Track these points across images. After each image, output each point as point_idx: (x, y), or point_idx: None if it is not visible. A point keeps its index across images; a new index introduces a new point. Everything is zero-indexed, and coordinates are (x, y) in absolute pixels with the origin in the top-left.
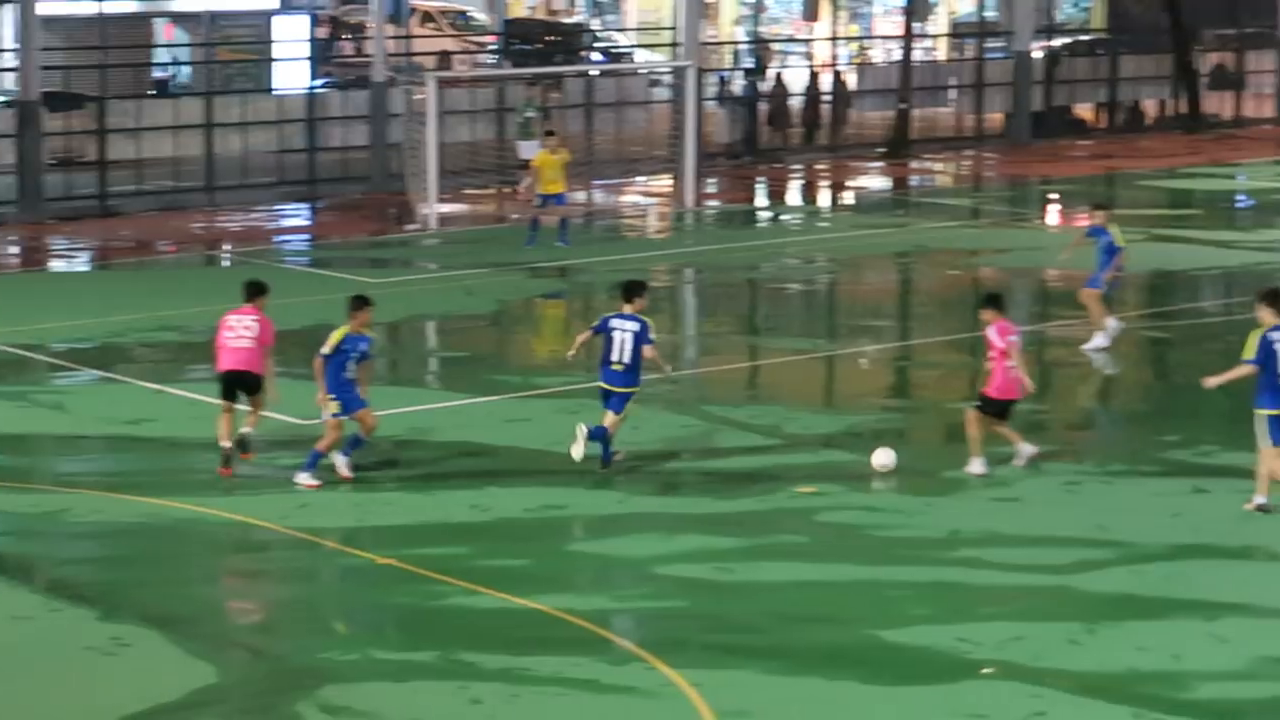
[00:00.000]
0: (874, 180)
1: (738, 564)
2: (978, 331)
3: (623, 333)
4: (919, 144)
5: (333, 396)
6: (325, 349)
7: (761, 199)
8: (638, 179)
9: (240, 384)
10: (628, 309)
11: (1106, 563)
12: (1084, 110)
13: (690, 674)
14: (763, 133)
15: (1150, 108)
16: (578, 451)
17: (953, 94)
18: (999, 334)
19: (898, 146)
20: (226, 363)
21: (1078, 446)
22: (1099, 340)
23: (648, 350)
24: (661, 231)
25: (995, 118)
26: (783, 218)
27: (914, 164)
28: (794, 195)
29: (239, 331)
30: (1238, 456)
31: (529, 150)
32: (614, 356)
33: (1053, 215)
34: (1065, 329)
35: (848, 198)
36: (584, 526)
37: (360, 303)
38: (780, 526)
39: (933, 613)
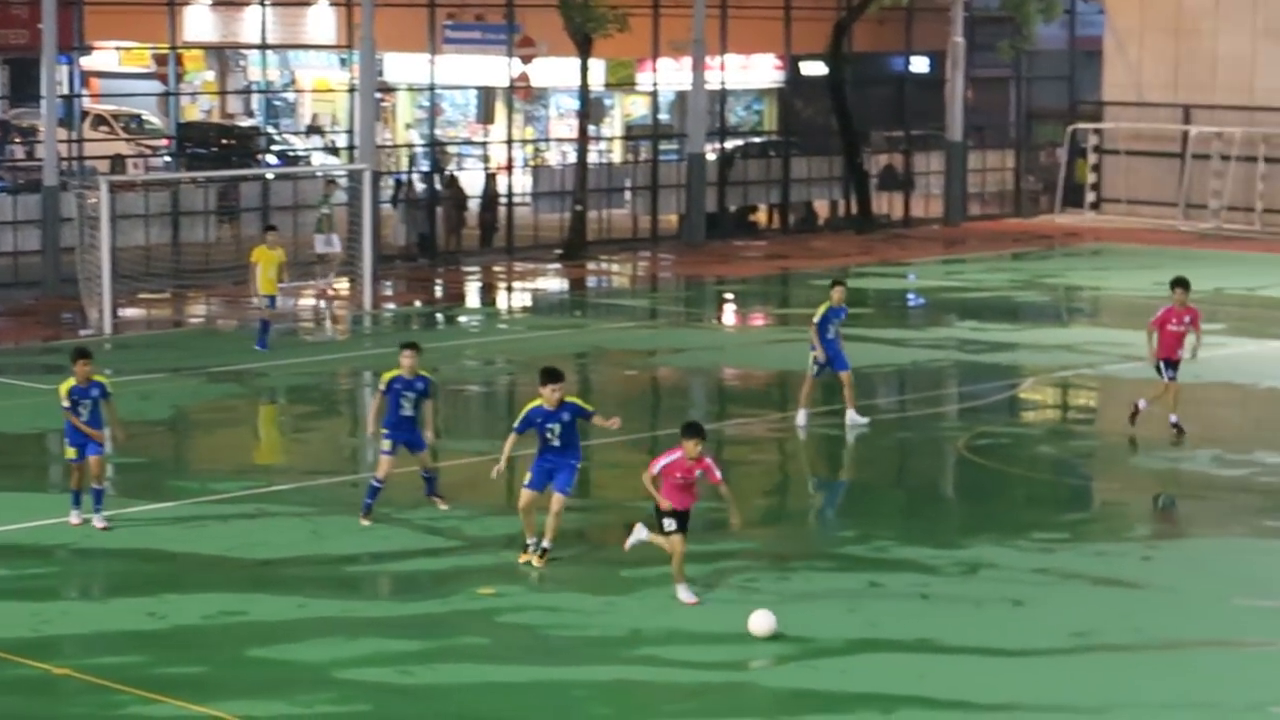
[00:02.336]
0: (552, 282)
1: (419, 666)
2: (656, 431)
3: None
4: (596, 245)
5: (385, 432)
6: (381, 385)
7: (440, 301)
8: (315, 282)
9: None
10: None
11: (786, 658)
12: (758, 212)
13: None
14: (440, 235)
15: (822, 208)
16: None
17: (628, 195)
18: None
19: (574, 248)
20: None
21: (756, 543)
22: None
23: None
24: (341, 334)
25: (670, 219)
26: (461, 319)
27: (591, 265)
28: (472, 297)
29: None
30: (911, 551)
31: (322, 244)
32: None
33: (729, 315)
34: (742, 426)
35: (526, 299)
36: (263, 632)
37: (407, 346)
38: (461, 628)
39: (615, 712)
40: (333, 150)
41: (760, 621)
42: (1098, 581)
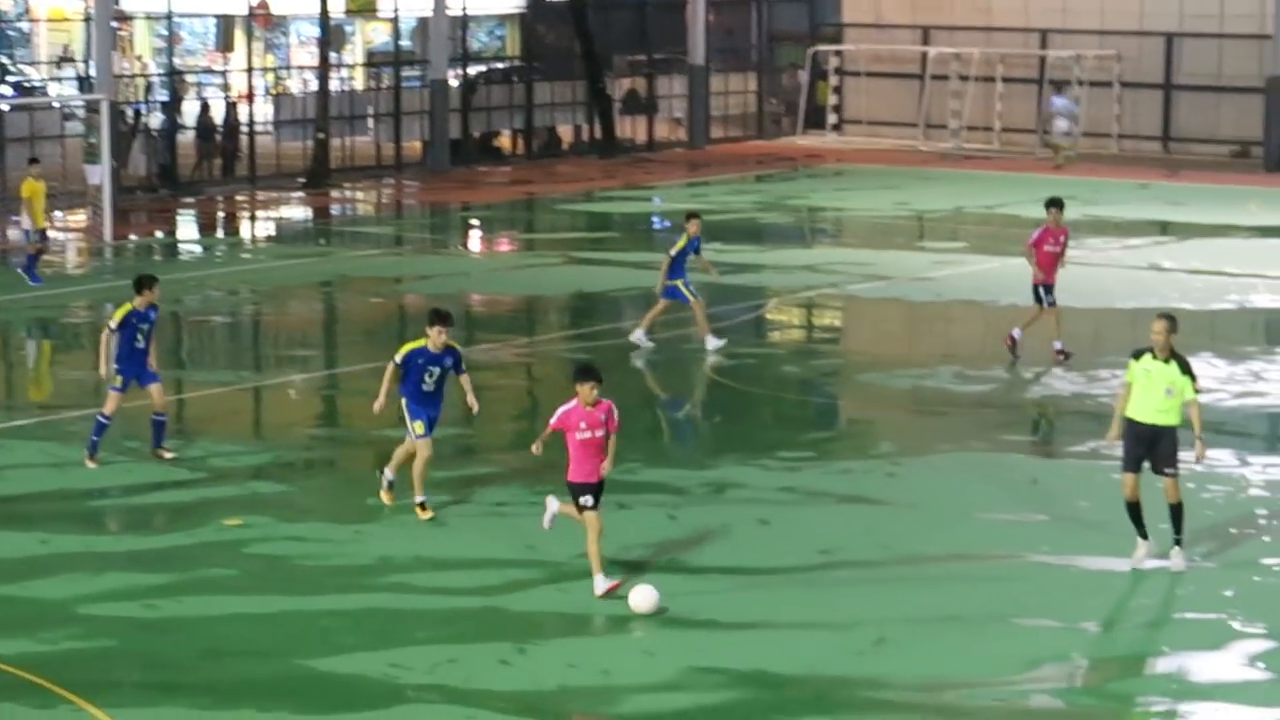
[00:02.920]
0: (296, 211)
1: (165, 600)
2: None
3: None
4: (339, 173)
5: (117, 369)
6: (112, 323)
7: (182, 232)
8: (54, 214)
9: None
10: None
11: (535, 582)
12: (502, 138)
13: (122, 714)
14: (181, 165)
15: (566, 133)
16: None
17: (370, 123)
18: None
19: (318, 176)
20: None
21: (505, 469)
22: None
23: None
24: (80, 267)
25: (414, 146)
26: (204, 250)
27: (335, 193)
28: (215, 227)
29: None
30: (659, 473)
31: (94, 175)
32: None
33: (474, 241)
34: (489, 353)
35: (270, 229)
36: (4, 569)
37: (147, 282)
38: (208, 560)
39: (364, 640)
40: (85, 80)
41: (641, 598)
42: (843, 499)
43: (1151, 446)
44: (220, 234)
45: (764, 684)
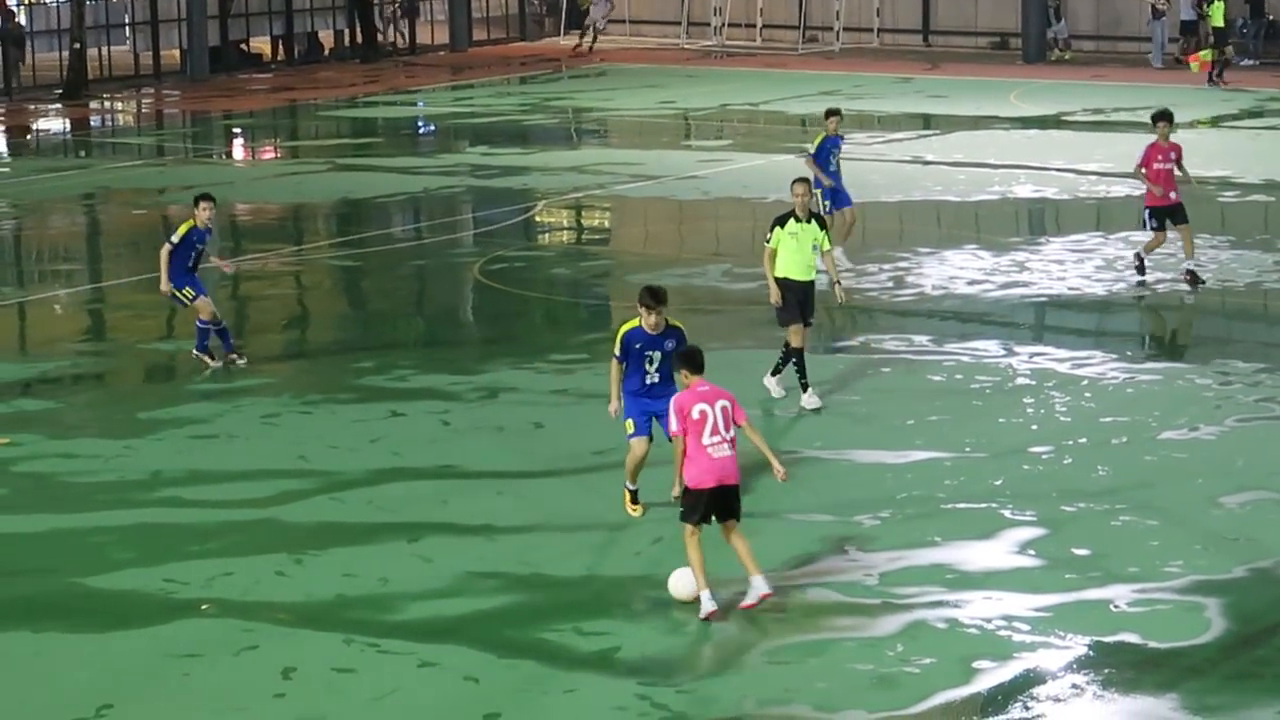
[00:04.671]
0: (53, 123)
1: None
2: None
3: None
4: (97, 84)
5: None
6: (174, 238)
7: None
8: None
9: None
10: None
11: (309, 492)
12: (261, 44)
13: None
14: None
15: (328, 39)
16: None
17: (128, 32)
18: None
19: (75, 87)
20: None
21: (275, 379)
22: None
23: None
24: None
25: (173, 54)
26: None
27: (94, 104)
28: None
29: None
30: (431, 379)
31: None
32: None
33: (238, 149)
34: (256, 262)
35: (27, 141)
36: None
37: (204, 198)
38: None
39: (138, 556)
40: None
41: (681, 583)
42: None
43: (804, 300)
44: None
45: (542, 586)
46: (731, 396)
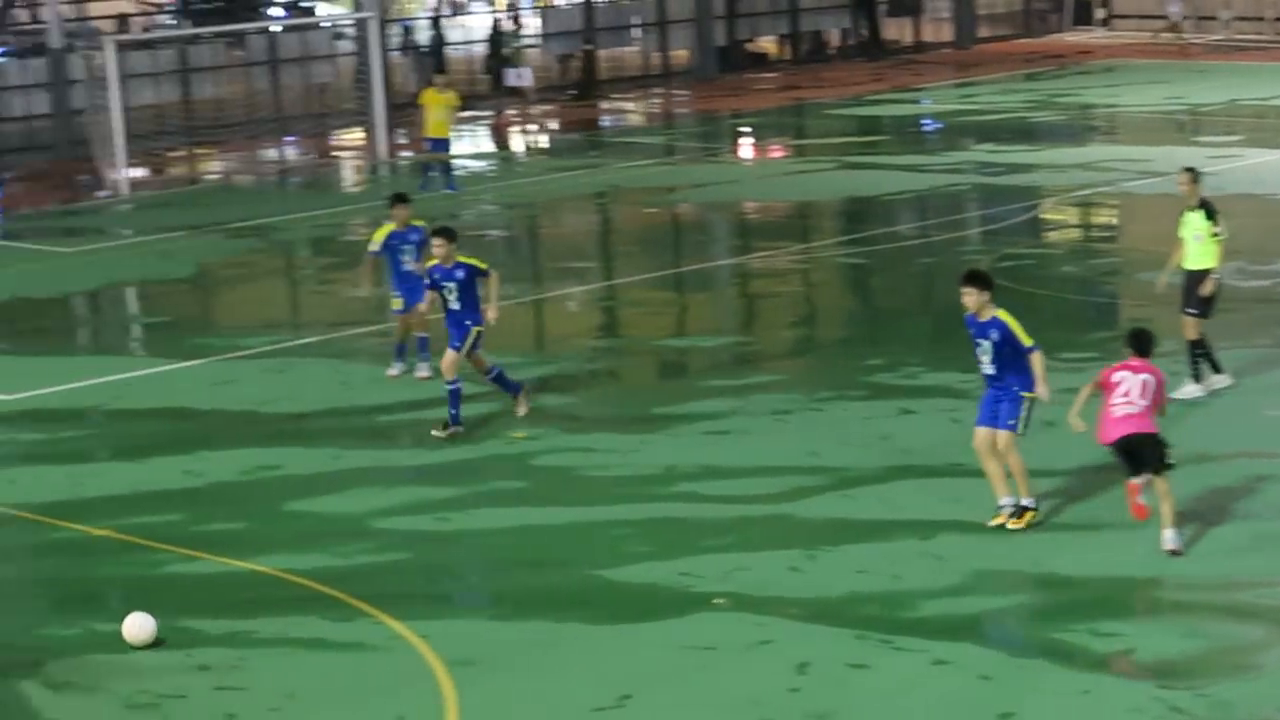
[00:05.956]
0: (566, 122)
1: (456, 513)
2: (680, 268)
3: None
4: (608, 84)
5: (397, 294)
6: (373, 245)
7: (455, 146)
8: (330, 133)
9: None
10: None
11: (821, 488)
12: (767, 43)
13: (417, 625)
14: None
15: (832, 37)
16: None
17: (636, 33)
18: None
19: (587, 88)
20: None
21: (786, 375)
22: None
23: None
24: (357, 184)
25: (680, 54)
26: (478, 164)
27: (604, 104)
28: (487, 142)
29: None
30: (941, 377)
31: (515, 78)
32: None
33: (746, 148)
34: (765, 260)
35: (541, 141)
36: (299, 485)
37: (397, 199)
38: (496, 473)
39: (654, 549)
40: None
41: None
42: None
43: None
44: (492, 148)
45: (1054, 586)
46: (1160, 377)
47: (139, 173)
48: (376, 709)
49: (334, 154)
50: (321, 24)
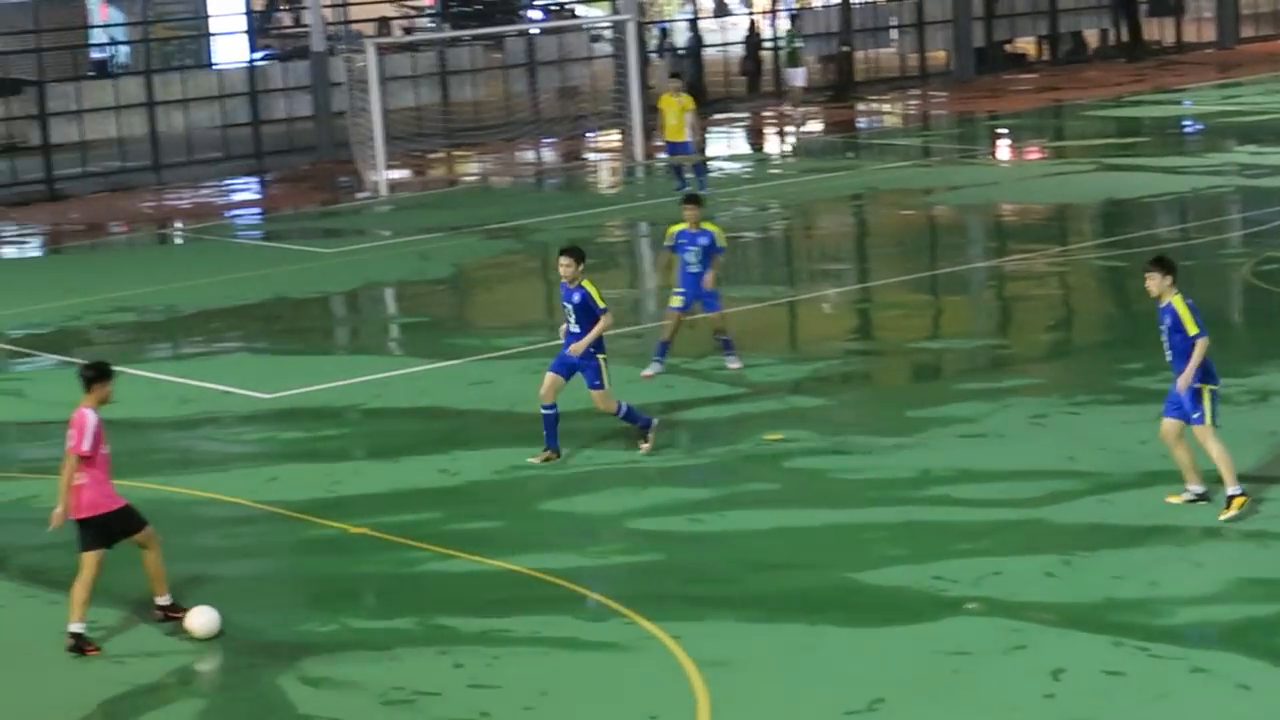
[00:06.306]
0: (822, 124)
1: (710, 514)
2: (936, 270)
3: None
4: (864, 86)
5: (680, 291)
6: (666, 241)
7: (712, 148)
8: (586, 135)
9: None
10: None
11: (1078, 493)
12: (1025, 44)
13: (670, 626)
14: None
15: (1091, 38)
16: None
17: (894, 34)
18: None
19: (843, 89)
20: None
21: (1043, 379)
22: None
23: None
24: (613, 186)
25: (938, 55)
26: (733, 166)
27: (860, 106)
28: (743, 143)
29: None
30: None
31: (796, 78)
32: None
33: (1003, 150)
34: (1022, 262)
35: (798, 143)
36: (554, 485)
37: (689, 200)
38: (750, 475)
39: (907, 553)
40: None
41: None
42: None
43: None
44: (748, 149)
45: None
46: None
47: (398, 174)
48: (629, 708)
49: (589, 156)
50: (580, 26)
